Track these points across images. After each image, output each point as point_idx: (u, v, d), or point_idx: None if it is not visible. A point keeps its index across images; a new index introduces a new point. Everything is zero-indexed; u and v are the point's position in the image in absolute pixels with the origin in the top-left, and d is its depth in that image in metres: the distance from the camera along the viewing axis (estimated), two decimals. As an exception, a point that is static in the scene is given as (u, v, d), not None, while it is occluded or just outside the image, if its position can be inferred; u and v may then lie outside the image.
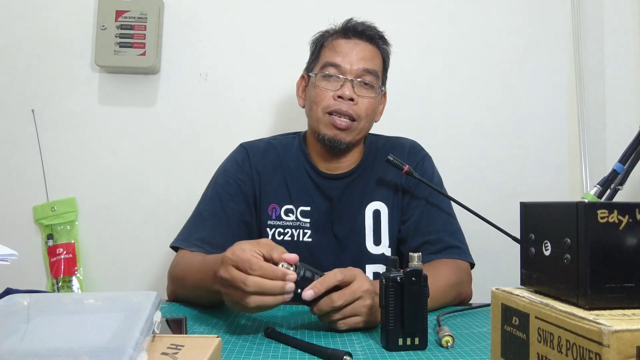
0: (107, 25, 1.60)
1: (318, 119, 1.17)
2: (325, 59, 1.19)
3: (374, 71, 1.18)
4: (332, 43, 1.20)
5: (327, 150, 1.20)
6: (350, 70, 1.16)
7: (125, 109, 1.66)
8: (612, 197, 1.21)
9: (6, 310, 0.59)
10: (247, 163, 1.22)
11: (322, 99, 1.16)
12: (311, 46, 1.26)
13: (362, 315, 0.84)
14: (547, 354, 0.47)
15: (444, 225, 1.17)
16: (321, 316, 0.85)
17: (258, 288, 0.77)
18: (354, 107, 1.15)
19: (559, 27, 1.71)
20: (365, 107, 1.16)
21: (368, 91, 1.18)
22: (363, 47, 1.19)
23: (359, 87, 1.16)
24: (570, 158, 1.71)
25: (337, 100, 1.15)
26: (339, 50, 1.18)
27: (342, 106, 1.14)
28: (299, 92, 1.27)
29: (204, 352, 0.55)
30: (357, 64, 1.16)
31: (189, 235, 1.14)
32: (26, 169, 1.64)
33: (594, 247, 0.46)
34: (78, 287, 1.62)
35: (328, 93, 1.16)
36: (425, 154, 1.27)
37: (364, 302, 0.83)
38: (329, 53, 1.19)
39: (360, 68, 1.16)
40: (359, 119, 1.16)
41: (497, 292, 0.56)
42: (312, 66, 1.23)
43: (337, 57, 1.17)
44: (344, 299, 0.82)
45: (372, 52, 1.20)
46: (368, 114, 1.18)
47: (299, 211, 1.20)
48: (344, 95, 1.14)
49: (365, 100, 1.17)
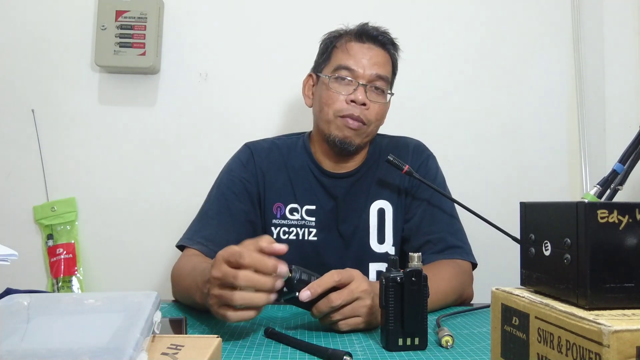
0: (107, 25, 1.60)
1: (329, 120, 1.17)
2: (338, 61, 1.18)
3: (386, 77, 1.18)
4: (346, 45, 1.19)
5: (334, 152, 1.20)
6: (363, 74, 1.16)
7: (125, 109, 1.66)
8: (612, 197, 1.21)
9: (6, 310, 0.59)
10: (251, 162, 1.22)
11: (334, 102, 1.16)
12: (322, 45, 1.25)
13: (362, 315, 0.84)
14: (547, 354, 0.47)
15: (446, 225, 1.18)
16: (321, 318, 0.85)
17: (248, 282, 0.76)
18: (365, 111, 1.15)
19: (559, 27, 1.71)
20: (375, 112, 1.17)
21: (379, 96, 1.18)
22: (376, 52, 1.19)
23: (371, 92, 1.17)
24: (570, 158, 1.71)
25: (349, 105, 1.15)
26: (352, 53, 1.18)
27: (355, 111, 1.15)
28: (306, 90, 1.26)
29: (204, 352, 0.55)
30: (370, 69, 1.16)
31: (193, 234, 1.14)
32: (26, 169, 1.64)
33: (594, 247, 0.46)
34: (78, 287, 1.62)
35: (340, 96, 1.16)
36: (430, 153, 1.27)
37: (364, 302, 0.83)
38: (342, 55, 1.18)
39: (374, 74, 1.16)
40: (369, 123, 1.17)
41: (497, 292, 0.56)
42: (323, 67, 1.22)
43: (350, 61, 1.17)
44: (342, 299, 0.82)
45: (384, 58, 1.20)
46: (378, 118, 1.19)
47: (304, 210, 1.20)
48: (357, 100, 1.14)
49: (377, 105, 1.17)
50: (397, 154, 1.19)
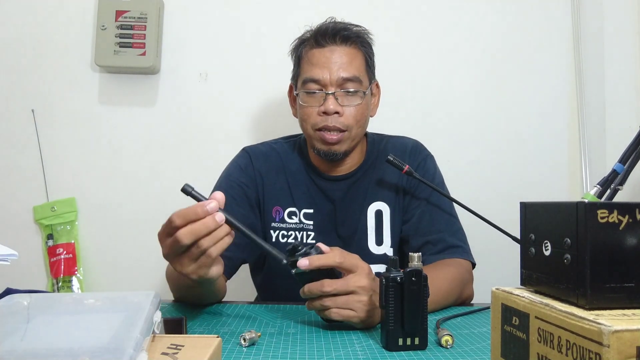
0: (107, 25, 1.60)
1: (309, 135, 1.17)
2: (304, 74, 1.16)
3: (355, 77, 1.14)
4: (307, 55, 1.16)
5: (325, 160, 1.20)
6: (330, 81, 1.12)
7: (125, 109, 1.66)
8: (612, 197, 1.21)
9: (6, 310, 0.59)
10: (250, 167, 1.22)
11: (308, 116, 1.15)
12: (291, 56, 1.23)
13: (357, 310, 0.83)
14: (547, 354, 0.47)
15: (445, 225, 1.17)
16: (310, 301, 0.84)
17: (192, 235, 0.78)
18: (340, 119, 1.13)
19: (559, 28, 1.71)
20: (353, 116, 1.14)
21: (353, 98, 1.14)
22: (340, 53, 1.14)
23: (343, 97, 1.13)
24: (570, 158, 1.71)
25: (322, 116, 1.13)
26: (314, 62, 1.14)
27: (329, 121, 1.12)
28: (291, 101, 1.26)
29: (204, 352, 0.55)
30: (336, 74, 1.12)
31: None
32: (26, 169, 1.64)
33: (594, 247, 0.46)
34: (78, 287, 1.62)
35: (313, 109, 1.14)
36: (428, 153, 1.26)
37: (359, 297, 0.82)
38: (307, 67, 1.15)
39: (340, 78, 1.12)
40: (349, 129, 1.14)
41: (497, 292, 0.56)
42: (297, 78, 1.20)
43: (314, 70, 1.13)
44: (333, 288, 0.81)
45: (350, 56, 1.14)
46: (357, 120, 1.15)
47: (302, 213, 1.20)
48: (328, 110, 1.12)
49: (352, 108, 1.14)
50: (395, 154, 1.18)
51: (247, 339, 0.77)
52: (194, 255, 0.80)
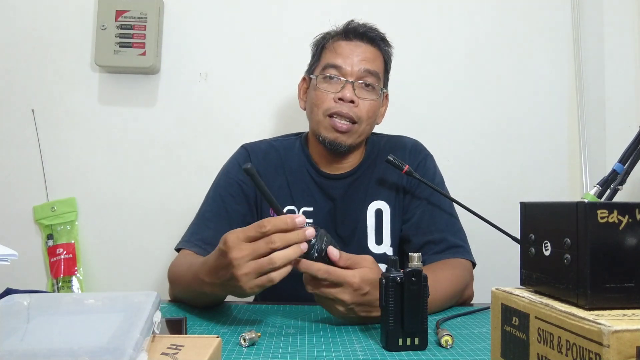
0: (107, 25, 1.60)
1: (318, 121, 1.17)
2: (326, 60, 1.19)
3: (375, 72, 1.17)
4: (333, 45, 1.19)
5: (328, 152, 1.20)
6: (351, 71, 1.16)
7: (125, 109, 1.66)
8: (612, 197, 1.21)
9: (6, 310, 0.59)
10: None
11: (322, 101, 1.16)
12: (312, 48, 1.26)
13: (338, 304, 0.84)
14: (547, 354, 0.47)
15: (446, 224, 1.17)
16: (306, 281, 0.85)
17: (283, 240, 0.78)
18: (354, 109, 1.15)
19: (559, 27, 1.71)
20: (366, 110, 1.16)
21: (369, 93, 1.17)
22: (364, 49, 1.18)
23: (360, 89, 1.16)
24: (570, 158, 1.71)
25: (337, 103, 1.15)
26: (339, 51, 1.18)
27: (343, 108, 1.14)
28: (300, 94, 1.27)
29: (204, 352, 0.55)
30: (358, 65, 1.16)
31: (191, 236, 1.14)
32: (26, 169, 1.64)
33: (594, 247, 0.46)
34: (78, 287, 1.62)
35: (329, 95, 1.16)
36: (427, 153, 1.26)
37: (343, 291, 0.83)
38: (330, 55, 1.19)
39: (362, 69, 1.16)
40: (360, 122, 1.16)
41: (497, 292, 0.56)
42: (314, 68, 1.23)
43: (337, 59, 1.17)
44: (324, 274, 0.82)
45: (373, 54, 1.19)
46: (369, 116, 1.17)
47: (301, 212, 1.20)
48: (344, 97, 1.14)
49: (367, 102, 1.16)
50: (395, 153, 1.18)
51: (247, 339, 0.77)
52: (263, 268, 0.79)
